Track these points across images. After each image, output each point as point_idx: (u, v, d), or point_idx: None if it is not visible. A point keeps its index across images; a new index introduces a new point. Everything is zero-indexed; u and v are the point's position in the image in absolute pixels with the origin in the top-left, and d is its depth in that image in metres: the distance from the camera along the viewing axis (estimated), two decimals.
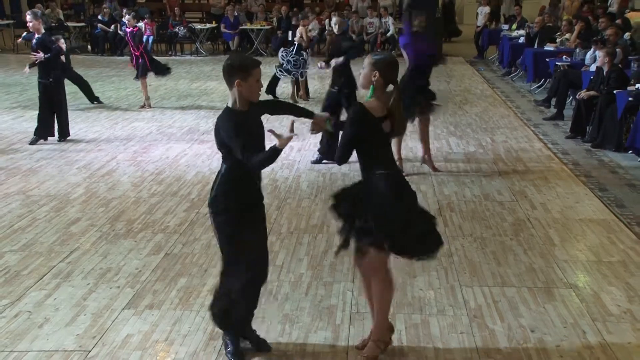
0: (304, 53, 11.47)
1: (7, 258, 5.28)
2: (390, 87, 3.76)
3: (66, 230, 5.88)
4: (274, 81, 11.83)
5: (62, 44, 9.90)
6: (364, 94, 4.00)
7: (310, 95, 12.08)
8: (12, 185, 7.11)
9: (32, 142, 8.79)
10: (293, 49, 11.45)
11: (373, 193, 3.67)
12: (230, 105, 3.60)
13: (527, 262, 5.15)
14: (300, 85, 11.85)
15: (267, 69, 11.51)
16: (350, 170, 7.14)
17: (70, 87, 11.03)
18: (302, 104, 10.85)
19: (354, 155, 3.73)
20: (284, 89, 12.25)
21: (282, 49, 11.91)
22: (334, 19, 7.61)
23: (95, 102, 11.48)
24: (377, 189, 3.66)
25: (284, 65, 11.42)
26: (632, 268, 5.04)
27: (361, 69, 3.80)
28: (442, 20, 18.97)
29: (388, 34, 18.23)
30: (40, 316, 4.38)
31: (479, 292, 4.66)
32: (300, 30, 12.09)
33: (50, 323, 4.29)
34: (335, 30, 8.35)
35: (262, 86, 3.66)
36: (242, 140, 3.43)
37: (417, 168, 7.64)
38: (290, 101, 11.42)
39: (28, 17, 8.73)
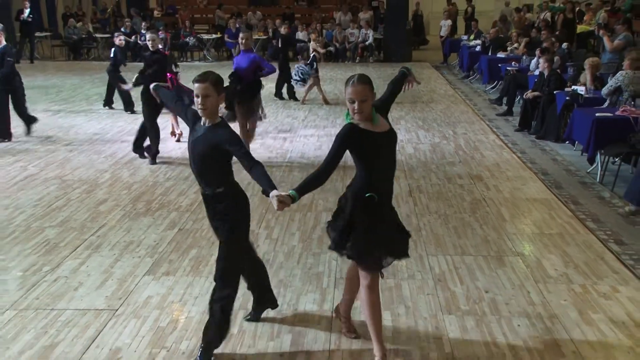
0: (314, 64, 10.89)
1: (47, 232, 5.25)
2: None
3: (95, 209, 5.85)
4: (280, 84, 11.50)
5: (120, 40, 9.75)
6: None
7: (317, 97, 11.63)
8: (50, 172, 7.05)
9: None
10: (310, 60, 10.98)
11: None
12: None
13: (483, 235, 5.18)
14: (305, 92, 11.30)
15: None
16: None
17: (99, 89, 10.92)
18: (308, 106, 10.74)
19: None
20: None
21: (302, 63, 11.11)
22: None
23: (107, 107, 10.69)
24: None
25: (294, 76, 10.85)
26: (567, 239, 5.08)
27: (349, 103, 3.10)
28: (412, 31, 18.97)
29: (366, 43, 18.14)
30: (75, 280, 4.36)
31: (442, 260, 4.69)
32: (312, 45, 11.83)
33: (83, 286, 4.28)
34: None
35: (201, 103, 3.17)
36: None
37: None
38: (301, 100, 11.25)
39: None
